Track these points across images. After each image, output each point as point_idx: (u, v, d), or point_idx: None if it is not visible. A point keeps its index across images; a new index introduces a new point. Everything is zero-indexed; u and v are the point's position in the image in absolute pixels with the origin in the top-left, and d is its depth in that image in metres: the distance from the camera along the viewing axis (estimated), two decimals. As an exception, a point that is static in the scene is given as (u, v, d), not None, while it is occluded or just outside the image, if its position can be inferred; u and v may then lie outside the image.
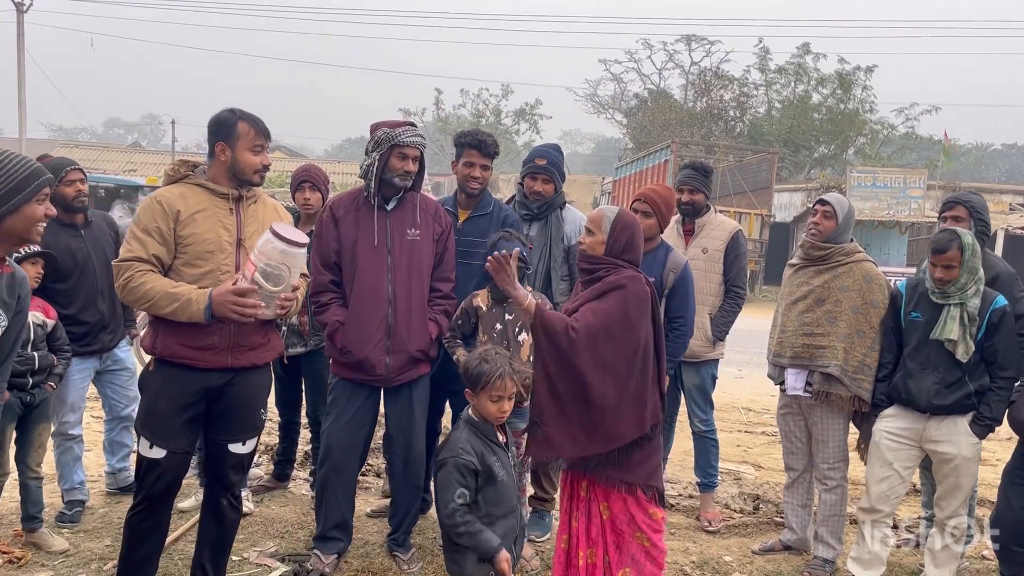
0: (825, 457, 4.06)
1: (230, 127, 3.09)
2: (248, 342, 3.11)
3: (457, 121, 46.29)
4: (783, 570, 4.09)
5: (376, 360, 3.64)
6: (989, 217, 4.16)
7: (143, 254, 2.98)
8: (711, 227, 4.68)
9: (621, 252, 3.15)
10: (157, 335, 3.04)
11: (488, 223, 4.07)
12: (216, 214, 3.09)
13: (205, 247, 3.04)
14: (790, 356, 4.04)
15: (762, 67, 37.02)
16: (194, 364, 3.05)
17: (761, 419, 7.66)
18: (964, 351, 3.58)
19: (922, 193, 21.92)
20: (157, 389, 3.07)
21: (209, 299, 2.91)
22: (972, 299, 3.59)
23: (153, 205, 3.04)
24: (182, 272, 3.04)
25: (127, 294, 2.99)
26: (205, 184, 3.11)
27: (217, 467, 3.26)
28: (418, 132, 3.70)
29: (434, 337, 3.78)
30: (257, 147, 3.11)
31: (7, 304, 2.50)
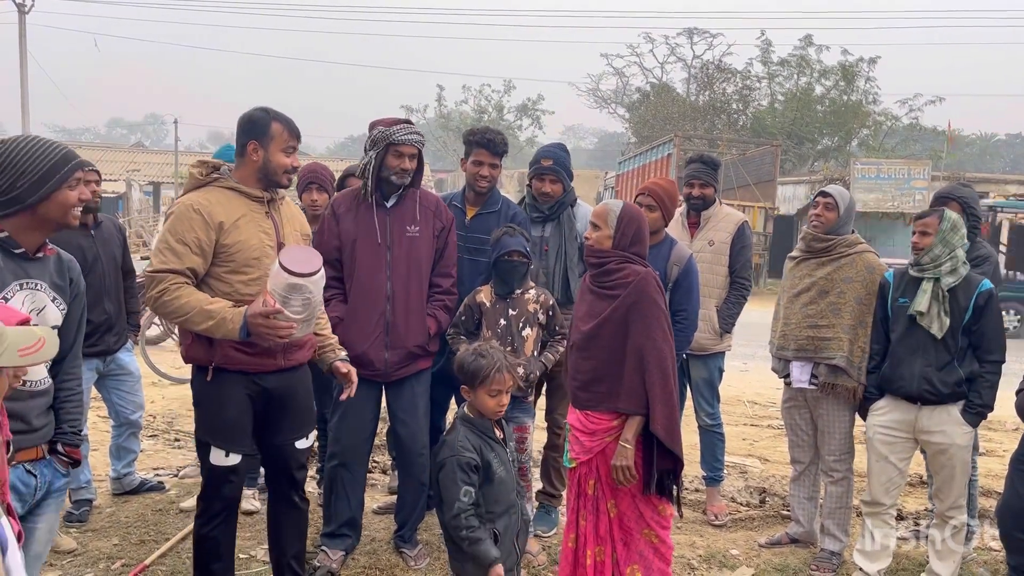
0: (831, 449, 4.06)
1: (264, 127, 3.03)
2: (297, 342, 3.13)
3: (459, 117, 46.22)
4: (790, 563, 4.08)
5: (374, 356, 3.65)
6: (980, 211, 4.18)
7: (178, 266, 2.91)
8: (717, 219, 4.67)
9: (628, 246, 3.15)
10: (212, 344, 2.99)
11: (496, 220, 4.07)
12: (254, 219, 3.04)
13: (251, 254, 3.00)
14: (794, 349, 4.04)
15: (764, 59, 36.86)
16: (252, 369, 3.04)
17: (767, 412, 7.65)
18: (938, 327, 3.59)
19: (926, 184, 21.85)
20: (221, 398, 3.05)
21: (244, 319, 2.88)
22: (947, 276, 3.60)
23: (190, 214, 2.93)
24: (229, 280, 2.99)
25: (160, 307, 2.92)
26: (237, 187, 3.04)
27: (285, 467, 3.27)
28: (415, 130, 3.69)
29: (433, 333, 3.78)
30: (289, 148, 3.07)
31: (61, 287, 2.53)
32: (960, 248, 3.65)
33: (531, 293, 3.91)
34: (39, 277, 2.47)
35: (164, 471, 5.21)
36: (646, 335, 3.06)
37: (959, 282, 3.61)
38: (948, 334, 3.59)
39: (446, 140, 44.20)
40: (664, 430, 3.04)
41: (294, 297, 2.87)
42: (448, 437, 2.86)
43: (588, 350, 3.17)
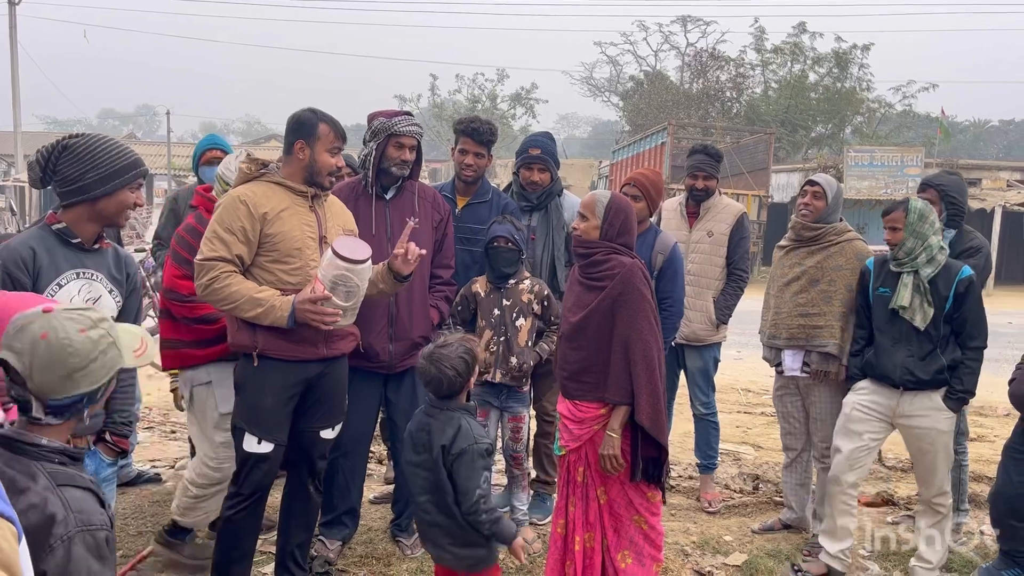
0: (823, 436, 4.10)
1: (311, 127, 3.13)
2: (339, 332, 3.20)
3: (453, 107, 46.10)
4: (782, 548, 4.13)
5: (379, 347, 3.66)
6: (964, 197, 4.21)
7: (227, 254, 3.00)
8: (716, 210, 4.67)
9: (616, 236, 3.17)
10: (255, 331, 3.06)
11: (487, 210, 4.09)
12: (298, 212, 3.13)
13: (293, 244, 3.09)
14: (786, 337, 4.07)
15: (758, 47, 36.85)
16: (294, 357, 3.10)
17: (760, 400, 7.70)
18: (921, 319, 3.62)
19: (919, 171, 21.83)
20: (262, 385, 3.11)
21: (292, 307, 2.97)
22: (924, 267, 3.64)
23: (237, 204, 3.04)
24: (272, 269, 3.08)
25: (210, 294, 3.00)
26: (283, 182, 3.14)
27: (307, 454, 3.33)
28: (415, 121, 3.72)
29: (436, 323, 3.82)
30: (335, 149, 3.17)
31: (118, 281, 2.70)
32: (933, 236, 3.67)
33: (526, 283, 3.93)
34: (96, 268, 2.63)
35: (160, 463, 5.23)
36: (632, 326, 3.08)
37: (939, 271, 3.64)
38: (930, 324, 3.63)
39: (439, 130, 44.08)
40: (649, 419, 3.07)
41: (341, 284, 2.98)
42: (460, 427, 2.76)
43: (576, 340, 3.19)
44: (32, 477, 1.57)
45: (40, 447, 1.61)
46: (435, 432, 2.77)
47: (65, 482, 1.59)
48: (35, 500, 1.53)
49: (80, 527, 1.54)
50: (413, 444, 2.85)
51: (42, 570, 1.49)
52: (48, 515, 1.52)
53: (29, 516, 1.50)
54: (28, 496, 1.53)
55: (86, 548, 1.54)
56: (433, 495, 2.79)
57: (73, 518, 1.54)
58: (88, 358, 1.67)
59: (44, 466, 1.60)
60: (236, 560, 3.22)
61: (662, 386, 3.14)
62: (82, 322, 1.69)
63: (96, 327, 1.70)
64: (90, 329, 1.69)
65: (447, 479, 2.74)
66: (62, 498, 1.56)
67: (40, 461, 1.60)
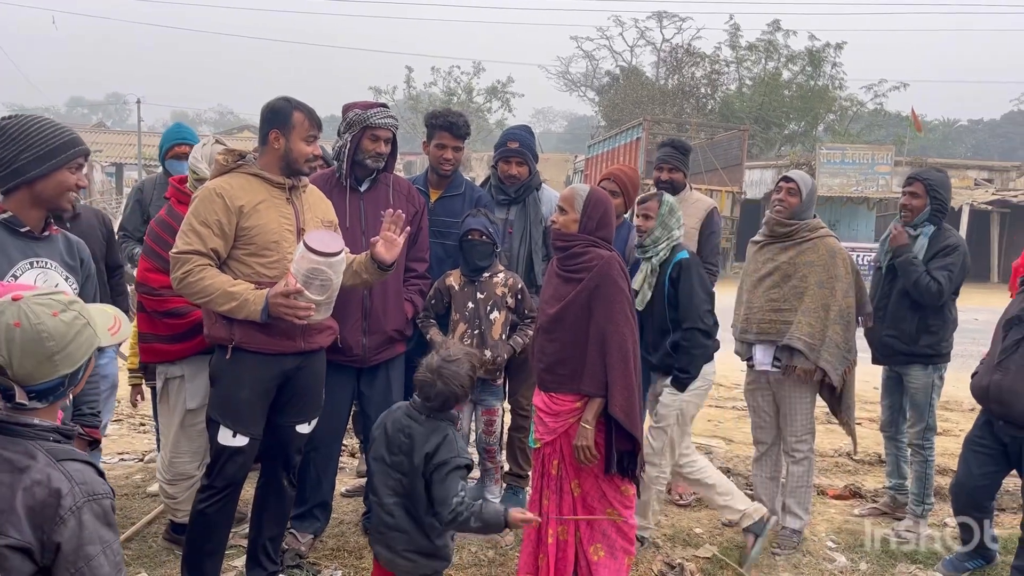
0: (793, 430, 4.14)
1: (286, 116, 3.10)
2: (317, 325, 3.17)
3: (428, 99, 45.91)
4: (752, 541, 4.16)
5: (353, 341, 3.64)
6: (949, 195, 4.27)
7: (201, 247, 2.98)
8: (687, 205, 4.68)
9: (595, 230, 3.19)
10: (233, 323, 3.03)
11: (461, 203, 4.09)
12: (275, 204, 3.11)
13: (270, 237, 3.07)
14: (757, 332, 4.11)
15: (733, 44, 37.13)
16: (271, 350, 3.08)
17: (732, 394, 7.78)
18: (640, 301, 3.75)
19: (889, 169, 22.20)
20: (238, 377, 3.08)
21: (266, 301, 2.95)
22: (660, 253, 3.79)
23: (212, 197, 3.01)
24: (250, 262, 3.06)
25: (184, 287, 2.99)
26: (260, 174, 3.11)
27: (282, 449, 3.31)
28: (390, 114, 3.70)
29: (410, 316, 3.81)
30: (311, 137, 3.14)
31: (72, 267, 2.62)
32: (677, 230, 3.82)
33: (500, 276, 3.93)
34: (49, 256, 2.55)
35: (129, 456, 5.18)
36: (608, 318, 3.10)
37: (666, 257, 3.79)
38: (660, 308, 3.77)
39: (415, 122, 43.87)
40: (623, 412, 3.09)
41: (314, 278, 2.96)
42: (445, 437, 2.69)
43: (553, 333, 3.20)
44: (31, 456, 1.61)
45: (34, 427, 1.65)
46: (418, 438, 2.67)
47: (64, 456, 1.64)
48: (39, 476, 1.58)
49: (87, 497, 1.60)
50: (388, 443, 2.73)
51: (56, 542, 1.55)
52: (54, 489, 1.57)
53: (35, 492, 1.56)
54: (30, 473, 1.58)
55: (95, 516, 1.60)
56: (403, 499, 2.70)
57: (79, 489, 1.59)
58: (64, 340, 1.68)
59: (41, 444, 1.64)
60: (208, 553, 3.19)
61: (637, 379, 3.16)
62: (53, 306, 1.69)
63: (68, 309, 1.71)
64: (62, 312, 1.69)
65: (423, 488, 2.66)
66: (64, 472, 1.60)
67: (36, 440, 1.64)
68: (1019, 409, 3.33)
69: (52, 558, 1.55)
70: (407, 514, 2.70)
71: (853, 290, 4.01)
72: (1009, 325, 3.56)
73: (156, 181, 4.65)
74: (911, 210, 4.20)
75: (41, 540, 1.54)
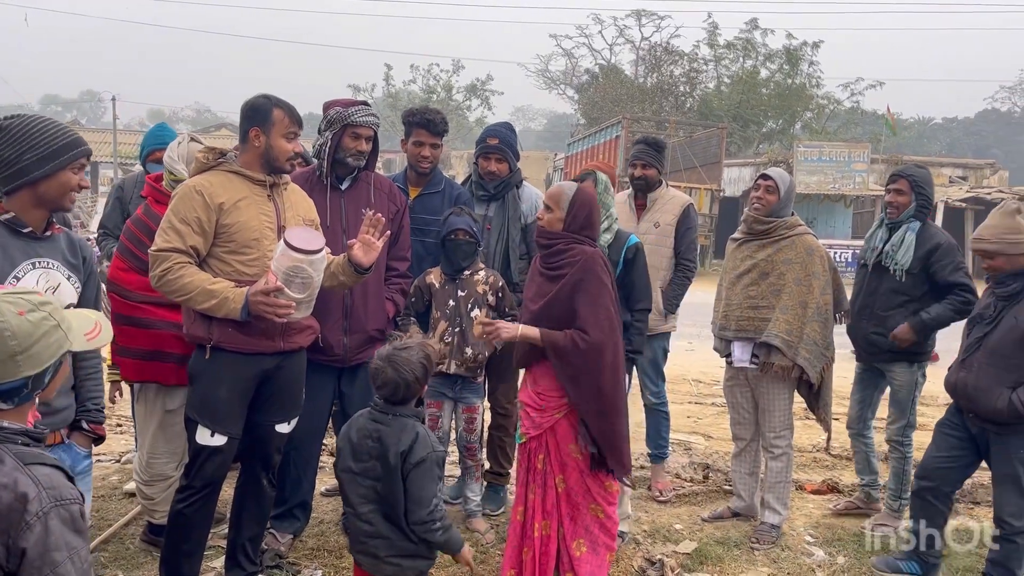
0: (772, 426, 4.18)
1: (266, 113, 3.08)
2: (296, 325, 3.15)
3: (407, 97, 45.78)
4: (731, 536, 4.20)
5: (334, 340, 3.62)
6: (933, 191, 4.30)
7: (181, 245, 2.96)
8: (663, 201, 4.72)
9: (580, 228, 3.20)
10: (210, 323, 3.01)
11: (440, 200, 4.08)
12: (255, 202, 3.09)
13: (251, 235, 3.05)
14: (735, 329, 4.14)
15: (711, 42, 37.30)
16: (250, 350, 3.05)
17: (711, 390, 7.82)
18: None
19: (866, 167, 22.41)
20: (215, 377, 3.05)
21: (246, 299, 2.93)
22: (603, 234, 3.78)
23: (192, 195, 2.99)
24: (230, 260, 3.04)
25: (163, 285, 2.97)
26: (241, 171, 3.09)
27: (262, 448, 3.29)
28: (371, 112, 3.68)
29: (391, 316, 3.79)
30: (291, 134, 3.13)
31: (75, 266, 2.62)
32: (613, 207, 3.88)
33: (480, 274, 3.93)
34: (51, 256, 2.55)
35: (106, 456, 5.12)
36: (591, 313, 3.11)
37: (613, 239, 3.80)
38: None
39: (394, 120, 43.72)
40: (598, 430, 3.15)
41: (295, 276, 2.94)
42: (417, 435, 2.64)
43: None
44: None
45: (3, 429, 1.62)
46: (388, 439, 2.62)
47: (32, 461, 1.61)
48: (5, 480, 1.55)
49: (54, 502, 1.56)
50: (354, 451, 2.67)
51: (21, 548, 1.52)
52: (20, 494, 1.54)
53: (1, 497, 1.53)
54: None
55: (62, 522, 1.56)
56: (379, 505, 2.64)
57: (46, 494, 1.56)
58: (29, 340, 1.65)
59: (8, 448, 1.61)
60: (186, 554, 3.16)
61: (621, 377, 3.19)
62: (21, 305, 1.67)
63: (37, 310, 1.68)
64: (29, 312, 1.67)
65: (401, 488, 2.60)
66: (32, 476, 1.57)
67: (3, 444, 1.61)
68: (983, 405, 3.37)
69: (17, 564, 1.52)
70: (386, 519, 2.64)
71: (831, 287, 4.05)
72: (972, 323, 3.59)
73: (136, 179, 4.60)
74: (897, 207, 4.18)
75: (7, 545, 1.51)
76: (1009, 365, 3.31)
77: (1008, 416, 3.28)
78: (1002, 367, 3.32)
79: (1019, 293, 3.35)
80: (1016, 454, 3.37)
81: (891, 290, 4.14)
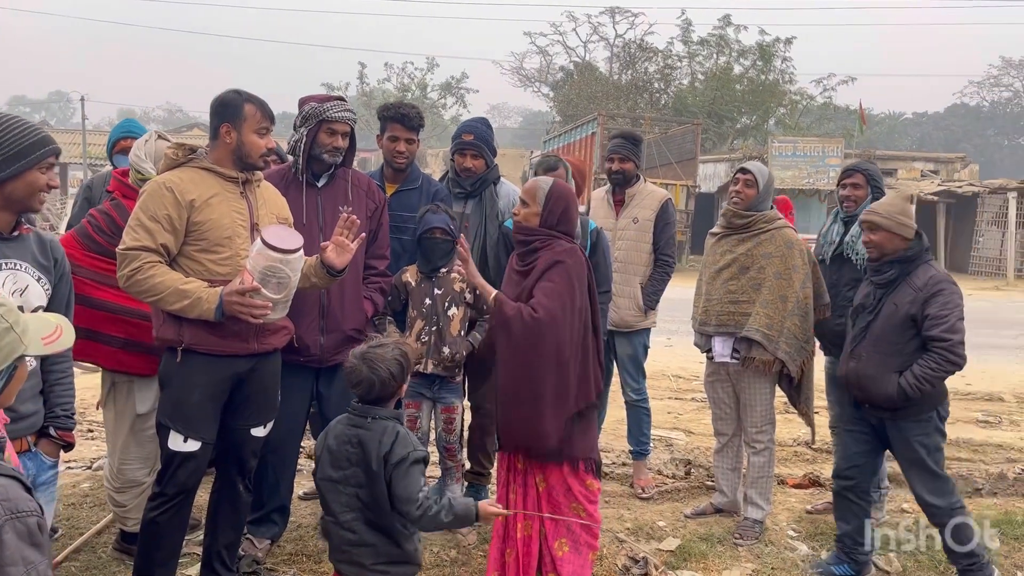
0: (753, 421, 4.16)
1: (236, 109, 3.00)
2: (271, 326, 3.08)
3: (382, 95, 45.53)
4: (715, 532, 4.18)
5: (310, 340, 3.54)
6: (884, 185, 4.32)
7: (151, 243, 2.87)
8: (641, 197, 4.69)
9: (556, 224, 3.15)
10: (181, 325, 2.92)
11: (417, 197, 4.01)
12: (227, 199, 3.01)
13: (222, 232, 2.97)
14: (716, 324, 4.11)
15: (685, 39, 37.43)
16: (222, 352, 2.97)
17: (691, 386, 7.82)
18: None
19: (839, 162, 22.58)
20: (187, 380, 2.97)
21: (220, 299, 2.85)
22: None
23: (162, 191, 2.90)
24: (201, 259, 2.96)
25: (132, 285, 2.87)
26: (212, 168, 3.01)
27: (237, 452, 3.21)
28: (347, 107, 3.60)
29: (370, 315, 3.72)
30: (263, 130, 3.05)
31: (45, 267, 2.54)
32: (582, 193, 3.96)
33: (457, 272, 3.87)
34: (20, 257, 2.47)
35: (76, 464, 5.01)
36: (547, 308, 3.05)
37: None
38: None
39: (368, 119, 43.51)
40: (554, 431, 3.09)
41: (272, 275, 2.87)
42: (398, 435, 2.56)
43: None
44: None
45: None
46: (368, 443, 2.54)
47: None
48: None
49: (9, 515, 1.49)
50: (334, 459, 2.58)
51: None
52: None
53: None
54: None
55: (18, 536, 1.49)
56: (363, 512, 2.56)
57: (0, 507, 1.48)
58: None
59: None
60: (159, 563, 3.07)
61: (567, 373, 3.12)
62: None
63: None
64: None
65: (386, 492, 2.52)
66: None
67: None
68: (876, 392, 3.47)
69: None
70: (370, 527, 2.57)
71: (811, 281, 4.03)
72: (855, 314, 3.67)
73: (105, 178, 4.50)
74: (855, 200, 4.21)
75: None
76: (893, 350, 3.44)
77: (899, 400, 3.40)
78: (887, 352, 3.45)
79: (895, 280, 3.48)
80: (915, 438, 3.49)
81: (853, 279, 4.14)
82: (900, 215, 3.49)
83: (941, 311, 3.37)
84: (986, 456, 5.72)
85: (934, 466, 3.50)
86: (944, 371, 3.38)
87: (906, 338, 3.44)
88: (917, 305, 3.40)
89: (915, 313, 3.40)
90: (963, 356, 3.39)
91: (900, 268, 3.48)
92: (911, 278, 3.46)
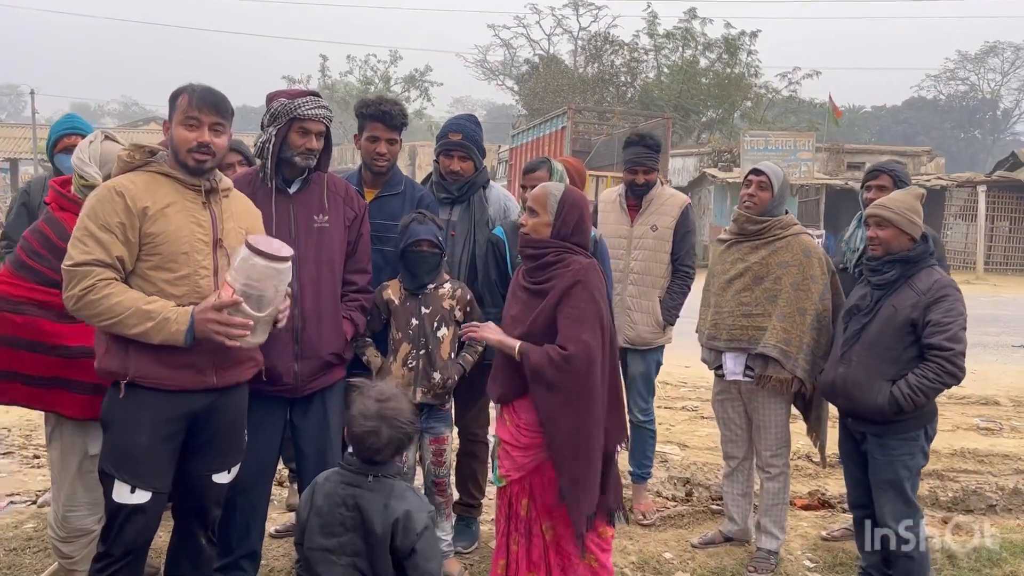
0: (767, 444, 3.83)
1: (172, 100, 2.65)
2: (234, 356, 2.66)
3: (344, 88, 44.82)
4: (726, 564, 3.86)
5: (283, 368, 3.11)
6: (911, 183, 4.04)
7: (105, 257, 2.48)
8: (659, 202, 4.30)
9: (570, 235, 2.79)
10: (127, 353, 2.52)
11: (400, 203, 3.61)
12: (187, 208, 2.63)
13: (179, 247, 2.58)
14: (727, 339, 3.78)
15: (651, 32, 37.34)
16: (174, 387, 2.56)
17: (679, 393, 7.52)
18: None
19: (811, 156, 22.59)
20: (133, 420, 2.55)
21: (191, 319, 2.47)
22: None
23: (112, 197, 2.52)
24: (153, 277, 2.57)
25: (84, 307, 2.47)
26: (171, 173, 2.63)
27: (197, 502, 2.80)
28: (322, 103, 3.17)
29: (350, 337, 3.29)
30: (190, 120, 2.60)
31: None
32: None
33: (446, 287, 3.48)
34: None
35: (20, 498, 4.52)
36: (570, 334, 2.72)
37: None
38: None
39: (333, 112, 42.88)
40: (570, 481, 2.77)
41: (256, 289, 2.48)
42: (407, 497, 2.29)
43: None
44: None
45: None
46: (370, 506, 2.20)
47: None
48: None
49: None
50: (324, 524, 2.24)
51: None
52: None
53: None
54: None
55: None
56: None
57: None
58: None
59: None
60: None
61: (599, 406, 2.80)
62: None
63: None
64: None
65: (390, 562, 2.19)
66: None
67: None
68: (862, 400, 3.25)
69: None
70: None
71: (830, 292, 3.71)
72: (848, 316, 3.43)
73: (44, 181, 4.04)
74: None
75: None
76: (888, 356, 3.22)
77: (888, 411, 3.18)
78: (883, 359, 3.22)
79: (896, 281, 3.26)
80: (899, 458, 3.26)
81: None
82: (911, 212, 3.26)
83: (944, 318, 3.13)
84: (993, 467, 5.48)
85: (909, 492, 3.30)
86: (941, 383, 3.14)
87: (903, 344, 3.20)
88: (919, 310, 3.16)
89: (916, 318, 3.17)
90: (963, 368, 3.16)
91: (901, 269, 3.24)
92: (913, 280, 3.23)
